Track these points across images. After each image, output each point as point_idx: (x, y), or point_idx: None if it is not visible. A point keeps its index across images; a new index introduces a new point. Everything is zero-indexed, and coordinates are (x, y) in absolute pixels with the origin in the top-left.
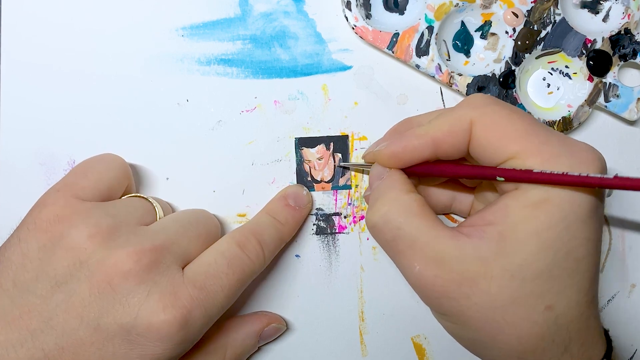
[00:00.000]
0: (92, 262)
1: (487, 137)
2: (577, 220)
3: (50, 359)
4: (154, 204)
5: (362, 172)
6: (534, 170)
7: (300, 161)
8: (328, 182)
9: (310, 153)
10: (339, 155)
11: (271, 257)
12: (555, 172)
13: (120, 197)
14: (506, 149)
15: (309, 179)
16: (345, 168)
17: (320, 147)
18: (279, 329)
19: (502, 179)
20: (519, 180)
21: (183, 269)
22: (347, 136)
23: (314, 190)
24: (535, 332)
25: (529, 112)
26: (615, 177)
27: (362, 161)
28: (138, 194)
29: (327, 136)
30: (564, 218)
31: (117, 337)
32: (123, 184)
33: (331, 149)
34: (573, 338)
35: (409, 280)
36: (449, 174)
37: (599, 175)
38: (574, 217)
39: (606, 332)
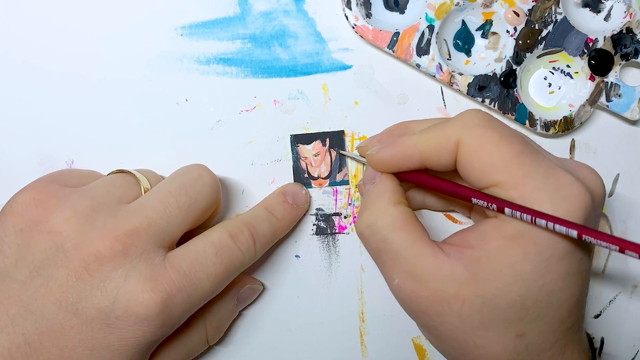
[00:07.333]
0: (68, 246)
1: (472, 161)
2: (553, 256)
3: (31, 344)
4: (138, 177)
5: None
6: (512, 202)
7: (296, 158)
8: (325, 178)
9: (306, 150)
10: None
11: (263, 251)
12: (529, 208)
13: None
14: (489, 177)
15: (306, 175)
16: (343, 163)
17: (316, 143)
18: (255, 289)
19: (479, 202)
20: (494, 204)
21: (169, 251)
22: (342, 131)
23: (311, 187)
24: (505, 357)
25: (521, 134)
26: (584, 229)
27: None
28: (122, 169)
29: (323, 132)
30: (539, 253)
31: (96, 321)
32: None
33: (327, 145)
34: None
35: (390, 288)
36: (432, 188)
37: (569, 220)
38: (549, 253)
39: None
